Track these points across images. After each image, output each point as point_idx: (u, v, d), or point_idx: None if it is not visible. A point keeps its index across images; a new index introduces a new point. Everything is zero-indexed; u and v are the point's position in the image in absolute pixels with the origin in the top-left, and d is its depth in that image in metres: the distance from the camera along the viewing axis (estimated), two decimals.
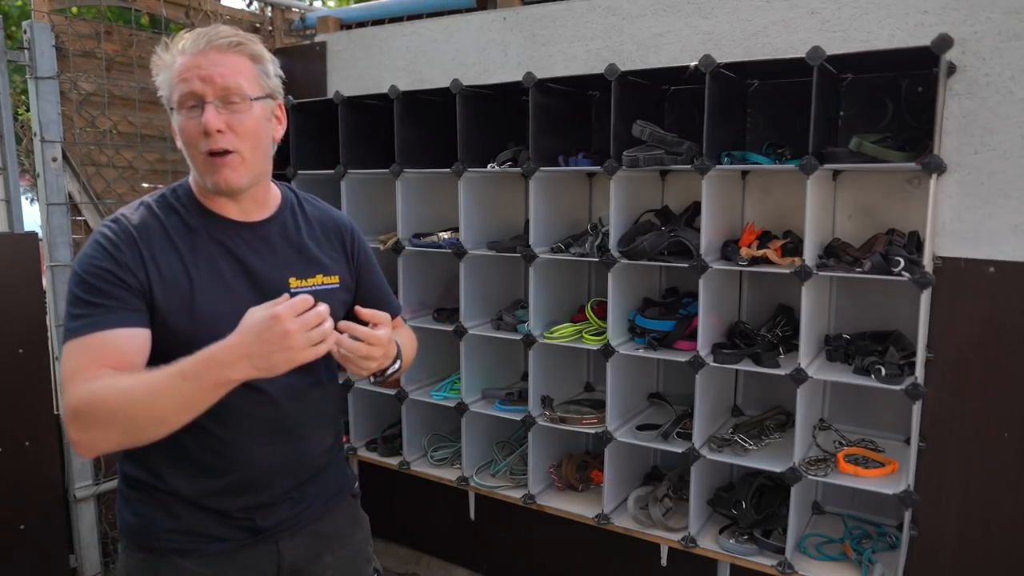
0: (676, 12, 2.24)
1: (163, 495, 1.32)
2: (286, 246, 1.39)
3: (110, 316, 1.20)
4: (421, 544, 3.12)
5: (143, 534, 1.34)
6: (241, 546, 1.37)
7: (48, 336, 2.70)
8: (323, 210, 1.51)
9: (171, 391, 1.12)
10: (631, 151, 2.20)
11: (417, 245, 2.65)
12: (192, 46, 1.23)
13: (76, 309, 1.21)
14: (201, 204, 1.33)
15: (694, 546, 2.23)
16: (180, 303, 1.26)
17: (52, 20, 2.65)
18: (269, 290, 1.32)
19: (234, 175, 1.26)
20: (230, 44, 1.25)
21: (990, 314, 1.92)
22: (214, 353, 1.12)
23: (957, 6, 1.87)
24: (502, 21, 2.54)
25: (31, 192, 3.02)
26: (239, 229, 1.34)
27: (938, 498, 2.01)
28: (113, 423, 1.13)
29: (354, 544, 1.55)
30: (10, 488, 2.54)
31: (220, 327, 1.19)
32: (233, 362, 1.11)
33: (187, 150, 1.27)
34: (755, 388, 2.53)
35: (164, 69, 1.26)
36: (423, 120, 2.67)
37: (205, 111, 1.21)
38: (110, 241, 1.24)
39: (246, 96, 1.25)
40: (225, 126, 1.23)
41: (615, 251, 2.26)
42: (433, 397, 2.72)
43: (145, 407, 1.12)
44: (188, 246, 1.29)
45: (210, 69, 1.22)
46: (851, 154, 1.95)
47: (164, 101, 1.29)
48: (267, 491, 1.37)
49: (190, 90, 1.22)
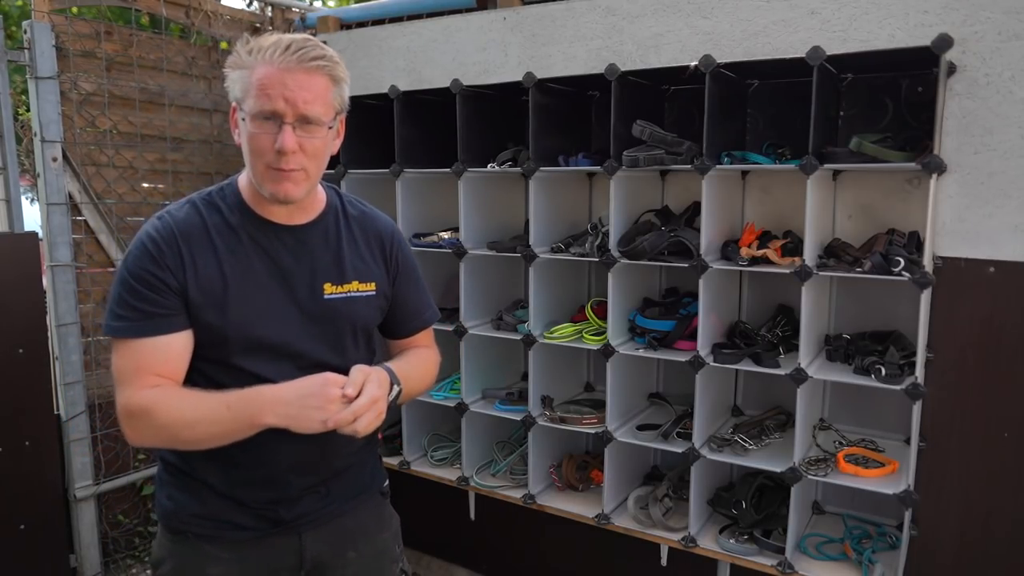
0: (676, 12, 2.24)
1: (194, 482, 1.38)
2: (325, 251, 1.39)
3: (154, 323, 1.27)
4: (421, 544, 3.12)
5: (174, 517, 1.40)
6: (263, 535, 1.40)
7: (48, 336, 2.70)
8: (367, 213, 1.51)
9: (213, 418, 1.24)
10: (631, 151, 2.20)
11: (417, 245, 2.65)
12: (281, 59, 1.22)
13: (121, 309, 1.27)
14: (246, 205, 1.35)
15: (694, 546, 2.23)
16: (212, 302, 1.29)
17: (52, 20, 2.65)
18: (302, 293, 1.35)
19: (295, 189, 1.28)
20: (318, 66, 1.25)
21: (990, 314, 1.91)
22: (261, 391, 1.23)
23: (957, 6, 1.87)
24: (502, 21, 2.54)
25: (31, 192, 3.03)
26: (279, 232, 1.36)
27: (938, 498, 2.01)
28: (159, 434, 1.28)
29: (380, 542, 1.56)
30: (10, 488, 2.54)
31: (251, 327, 1.30)
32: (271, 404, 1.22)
33: (251, 157, 1.27)
34: (755, 388, 2.53)
35: (241, 68, 1.26)
36: (423, 120, 2.67)
37: (283, 131, 1.23)
38: (154, 242, 1.28)
39: (323, 123, 1.27)
40: (298, 147, 1.25)
41: (615, 251, 2.26)
42: (433, 397, 2.72)
43: (189, 428, 1.25)
44: (226, 246, 1.31)
45: (295, 91, 1.22)
46: (851, 154, 1.95)
47: (233, 97, 1.29)
48: (287, 487, 1.39)
49: (272, 108, 1.22)
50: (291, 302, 1.34)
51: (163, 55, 2.99)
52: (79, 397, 2.76)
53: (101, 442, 2.87)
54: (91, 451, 2.82)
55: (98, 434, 2.85)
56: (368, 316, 1.46)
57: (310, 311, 1.36)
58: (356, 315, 1.42)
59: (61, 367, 2.72)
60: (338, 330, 1.39)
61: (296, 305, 1.35)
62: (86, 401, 2.79)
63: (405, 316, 1.55)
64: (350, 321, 1.41)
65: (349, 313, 1.41)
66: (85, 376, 2.79)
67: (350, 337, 1.42)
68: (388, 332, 1.57)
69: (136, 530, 3.10)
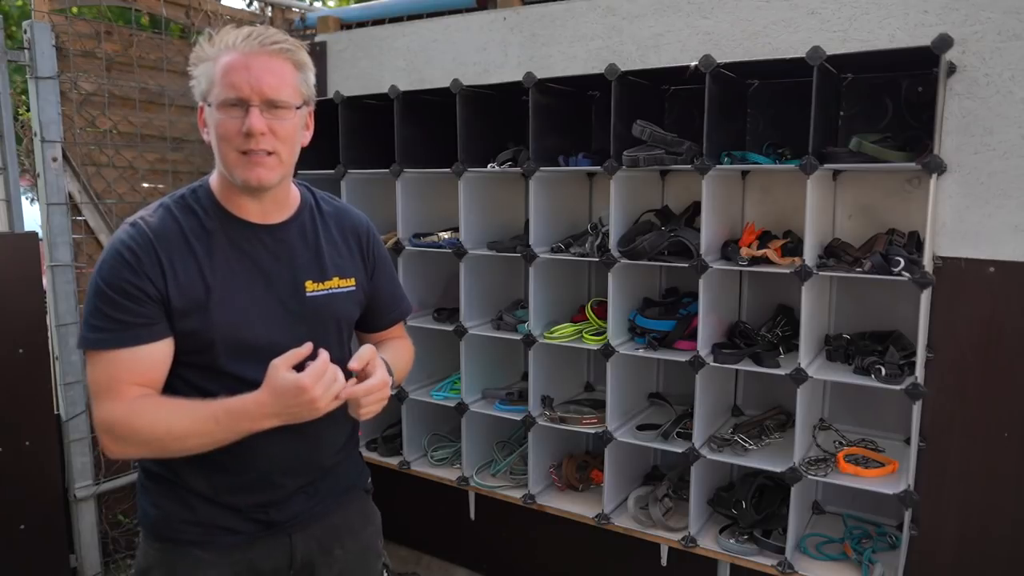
0: (676, 12, 2.24)
1: (180, 489, 1.36)
2: (304, 249, 1.39)
3: (133, 332, 1.24)
4: (421, 544, 3.12)
5: (161, 525, 1.38)
6: (255, 538, 1.39)
7: (48, 336, 2.70)
8: (340, 209, 1.51)
9: (202, 431, 1.22)
10: (631, 151, 2.20)
11: (417, 245, 2.65)
12: (244, 44, 1.23)
13: (97, 320, 1.24)
14: (220, 206, 1.33)
15: (694, 546, 2.23)
16: (196, 307, 1.27)
17: (52, 20, 2.65)
18: (285, 293, 1.35)
19: (268, 174, 1.27)
20: (280, 50, 1.26)
21: (990, 314, 1.92)
22: (247, 407, 1.21)
23: (957, 6, 1.87)
24: (502, 21, 2.54)
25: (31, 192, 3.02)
26: (257, 232, 1.35)
27: (938, 498, 2.01)
28: (143, 446, 1.26)
29: (364, 538, 1.57)
30: (10, 488, 2.54)
31: (236, 330, 1.29)
32: (262, 417, 1.21)
33: (219, 145, 1.26)
34: (755, 388, 2.53)
35: (205, 61, 1.26)
36: (423, 120, 2.67)
37: (250, 114, 1.22)
38: (129, 249, 1.25)
39: (290, 105, 1.27)
40: (267, 129, 1.24)
41: (615, 251, 2.26)
42: (433, 397, 2.72)
43: (177, 440, 1.23)
44: (205, 249, 1.29)
45: (259, 75, 1.23)
46: (851, 154, 1.95)
47: (197, 92, 1.28)
48: (279, 489, 1.39)
49: (238, 95, 1.22)
50: (275, 302, 1.33)
51: (163, 55, 2.99)
52: (79, 397, 2.76)
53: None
54: (91, 451, 2.81)
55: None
56: (350, 312, 1.46)
57: (294, 310, 1.35)
58: (339, 311, 1.42)
59: (61, 367, 2.72)
60: (323, 327, 1.39)
61: (280, 305, 1.34)
62: (86, 401, 2.79)
63: (383, 309, 1.56)
64: (334, 318, 1.42)
65: (332, 310, 1.41)
66: (85, 376, 2.79)
67: (334, 334, 1.42)
68: (366, 325, 1.57)
69: (136, 530, 3.09)
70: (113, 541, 2.99)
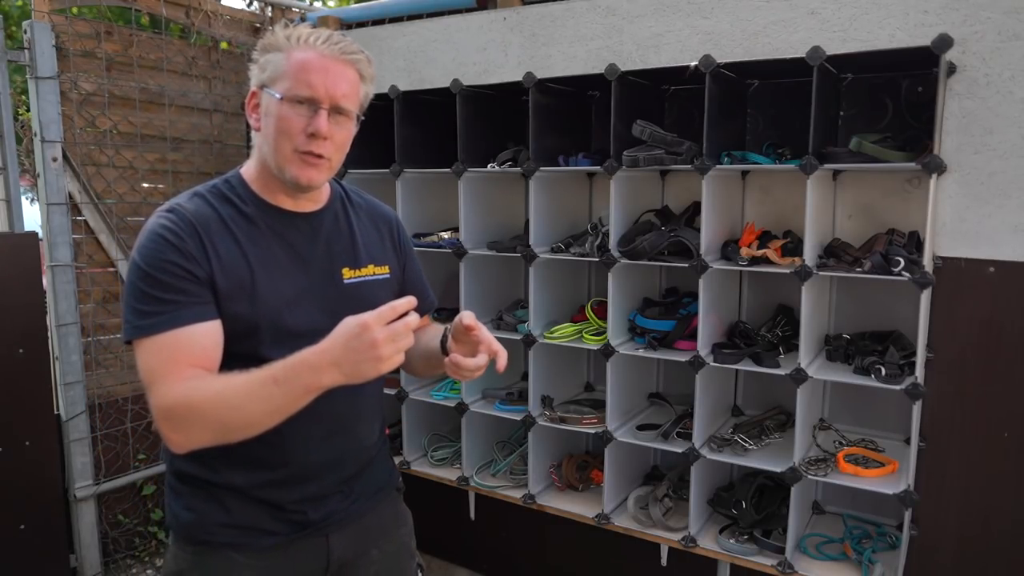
0: (676, 12, 2.24)
1: (216, 489, 1.33)
2: (338, 236, 1.40)
3: (184, 312, 1.19)
4: (421, 544, 3.10)
5: (195, 528, 1.34)
6: (291, 540, 1.37)
7: (48, 336, 2.70)
8: (370, 202, 1.53)
9: (262, 396, 1.13)
10: (631, 151, 2.20)
11: (417, 245, 2.65)
12: (324, 47, 1.24)
13: (144, 305, 1.19)
14: (256, 195, 1.33)
15: (694, 546, 2.23)
16: (241, 291, 1.25)
17: (52, 20, 2.65)
18: (324, 280, 1.35)
19: (319, 176, 1.29)
20: (355, 60, 1.28)
21: (990, 314, 1.92)
22: (306, 358, 1.12)
23: (957, 6, 1.87)
24: (502, 21, 2.54)
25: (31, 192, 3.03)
26: (294, 219, 1.35)
27: (938, 498, 2.01)
28: (206, 426, 1.16)
29: (398, 539, 1.57)
30: (10, 488, 2.54)
31: (279, 316, 1.27)
32: (323, 367, 1.11)
33: (277, 138, 1.25)
34: (755, 388, 2.53)
35: (277, 51, 1.26)
36: (423, 120, 2.67)
37: (319, 115, 1.23)
38: (171, 231, 1.22)
39: (352, 114, 1.29)
40: (329, 134, 1.26)
41: (615, 251, 2.26)
42: (433, 397, 2.72)
43: (237, 411, 1.14)
44: (246, 235, 1.29)
45: (336, 80, 1.24)
46: (851, 154, 1.95)
47: (258, 79, 1.28)
48: (318, 483, 1.38)
49: (311, 94, 1.23)
50: (313, 288, 1.33)
51: (163, 55, 2.99)
52: (79, 397, 2.76)
53: (101, 442, 2.87)
54: (91, 451, 2.82)
55: (98, 434, 2.85)
56: (386, 299, 1.42)
57: (332, 297, 1.35)
58: (375, 298, 1.39)
59: (61, 367, 2.72)
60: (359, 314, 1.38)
61: (319, 291, 1.34)
62: (86, 401, 2.79)
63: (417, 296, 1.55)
64: (371, 305, 1.39)
65: (369, 297, 1.39)
66: (85, 376, 2.79)
67: None
68: None
69: (136, 530, 3.09)
70: (113, 541, 2.99)
